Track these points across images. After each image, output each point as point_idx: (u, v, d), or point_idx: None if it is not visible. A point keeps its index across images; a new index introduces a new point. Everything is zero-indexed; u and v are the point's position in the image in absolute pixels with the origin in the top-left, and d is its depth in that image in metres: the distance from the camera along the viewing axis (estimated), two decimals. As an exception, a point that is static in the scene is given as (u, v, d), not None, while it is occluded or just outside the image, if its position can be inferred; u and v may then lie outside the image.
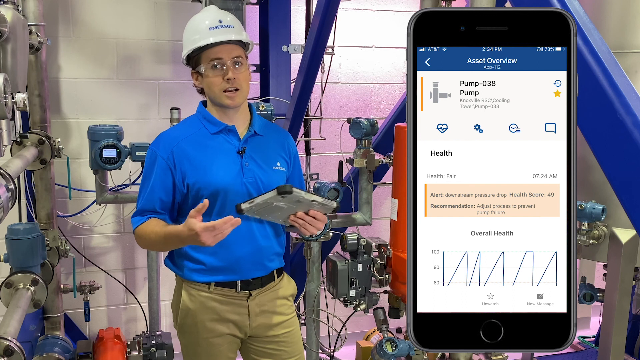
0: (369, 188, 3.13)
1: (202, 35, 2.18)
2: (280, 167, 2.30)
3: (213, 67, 2.17)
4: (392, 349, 2.76)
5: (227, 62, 2.16)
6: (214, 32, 2.17)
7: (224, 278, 2.26)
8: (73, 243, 3.62)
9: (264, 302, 2.33)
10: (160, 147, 2.22)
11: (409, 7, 4.18)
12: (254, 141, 2.27)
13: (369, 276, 2.71)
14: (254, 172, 2.23)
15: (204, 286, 2.27)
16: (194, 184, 2.19)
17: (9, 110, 1.72)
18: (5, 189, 1.83)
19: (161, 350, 3.30)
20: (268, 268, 2.31)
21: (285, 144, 2.37)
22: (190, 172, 2.19)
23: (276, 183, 2.22)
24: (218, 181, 2.18)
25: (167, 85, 3.81)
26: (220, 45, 2.17)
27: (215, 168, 2.20)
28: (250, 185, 2.21)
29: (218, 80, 2.17)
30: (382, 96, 4.25)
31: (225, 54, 2.16)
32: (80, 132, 3.67)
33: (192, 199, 2.21)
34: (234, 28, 2.21)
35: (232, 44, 2.19)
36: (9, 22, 1.96)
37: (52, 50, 3.57)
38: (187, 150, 2.20)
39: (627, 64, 2.71)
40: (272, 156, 2.30)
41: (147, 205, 2.22)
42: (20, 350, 1.65)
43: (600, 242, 2.96)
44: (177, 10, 3.71)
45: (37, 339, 3.32)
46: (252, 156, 2.24)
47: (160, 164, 2.20)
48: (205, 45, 2.16)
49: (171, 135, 2.27)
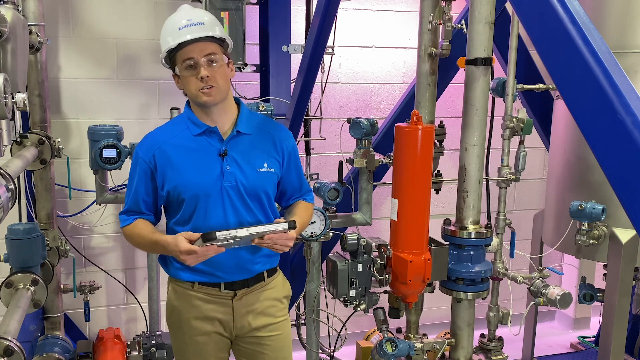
0: (369, 188, 3.13)
1: (173, 37, 2.13)
2: (267, 169, 2.22)
3: (187, 68, 2.12)
4: (392, 349, 2.76)
5: (199, 61, 2.10)
6: (183, 31, 2.11)
7: (207, 279, 2.25)
8: (73, 243, 3.62)
9: (251, 302, 2.30)
10: (143, 150, 2.22)
11: (409, 7, 4.17)
12: (238, 142, 2.21)
13: (369, 276, 2.71)
14: (235, 176, 2.17)
15: (188, 284, 2.28)
16: (174, 187, 2.17)
17: (9, 110, 1.72)
18: (5, 189, 1.83)
19: (161, 350, 3.30)
20: (252, 271, 2.27)
21: (278, 141, 2.27)
22: (170, 176, 2.17)
23: (260, 185, 2.21)
24: (197, 186, 2.16)
25: (167, 85, 3.81)
26: (192, 45, 2.10)
27: (196, 172, 2.16)
28: (232, 189, 2.17)
29: (193, 80, 2.12)
30: (382, 96, 4.25)
31: (196, 53, 2.10)
32: (80, 132, 3.67)
33: (176, 203, 2.20)
34: (204, 25, 2.12)
35: (205, 41, 2.11)
36: (9, 22, 1.96)
37: (52, 50, 3.57)
38: (169, 154, 2.18)
39: (627, 64, 2.71)
40: (258, 157, 2.22)
41: (133, 207, 2.25)
42: (20, 350, 1.65)
43: (600, 242, 2.96)
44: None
45: (37, 339, 3.32)
46: (235, 158, 2.19)
47: (141, 167, 2.21)
48: (177, 45, 2.12)
49: (154, 138, 2.24)
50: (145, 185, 2.22)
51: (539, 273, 2.88)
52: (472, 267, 2.75)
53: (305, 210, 2.38)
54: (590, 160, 2.88)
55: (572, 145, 3.10)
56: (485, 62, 2.63)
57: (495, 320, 3.00)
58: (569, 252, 3.17)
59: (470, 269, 2.74)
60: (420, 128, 2.58)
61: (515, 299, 3.06)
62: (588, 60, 1.84)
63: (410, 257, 2.63)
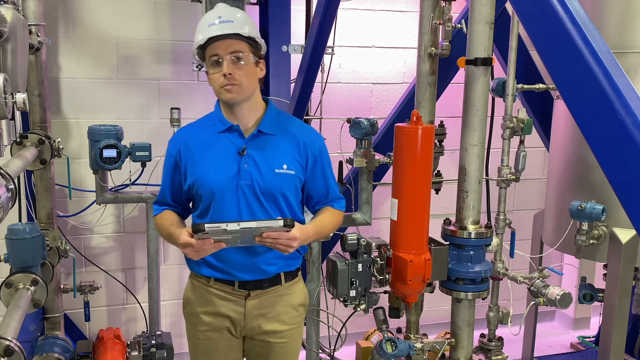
0: (369, 188, 3.13)
1: (202, 33, 2.16)
2: (287, 170, 2.21)
3: (213, 64, 2.15)
4: (392, 349, 2.76)
5: (224, 57, 2.12)
6: (211, 28, 2.14)
7: (222, 276, 2.27)
8: (73, 243, 3.62)
9: (264, 305, 2.30)
10: (172, 144, 2.32)
11: (409, 7, 4.17)
12: (259, 141, 2.22)
13: (369, 276, 2.71)
14: (252, 175, 2.19)
15: (205, 279, 2.31)
16: (194, 182, 2.22)
17: (9, 110, 1.72)
18: (5, 189, 1.83)
19: (161, 350, 3.30)
20: (267, 272, 2.27)
21: (303, 144, 2.26)
22: (191, 170, 2.23)
23: (277, 186, 2.21)
24: (213, 182, 2.19)
25: (167, 85, 3.81)
26: (219, 41, 2.12)
27: (214, 168, 2.20)
28: (247, 188, 2.18)
29: (217, 77, 2.14)
30: (382, 96, 4.25)
31: (221, 50, 2.12)
32: (80, 132, 3.67)
33: (196, 197, 2.27)
34: (232, 23, 2.15)
35: (232, 38, 2.13)
36: (9, 22, 1.96)
37: (52, 50, 3.57)
38: (193, 149, 2.24)
39: (627, 64, 2.71)
40: (278, 157, 2.22)
41: (161, 197, 2.36)
42: (20, 350, 1.65)
43: (600, 242, 2.96)
44: (177, 10, 3.71)
45: (37, 339, 3.32)
46: (253, 157, 2.20)
47: (170, 161, 2.30)
48: (206, 42, 2.14)
49: (183, 133, 2.34)
50: (172, 178, 2.31)
51: (539, 273, 2.87)
52: (472, 267, 2.75)
53: (331, 216, 2.35)
54: (590, 160, 2.88)
55: (572, 145, 3.10)
56: (485, 62, 2.63)
57: (495, 320, 3.00)
58: (569, 252, 3.17)
59: (470, 269, 2.74)
60: (420, 128, 2.58)
61: (515, 299, 3.06)
62: (588, 60, 1.84)
63: (410, 257, 2.63)
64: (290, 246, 2.07)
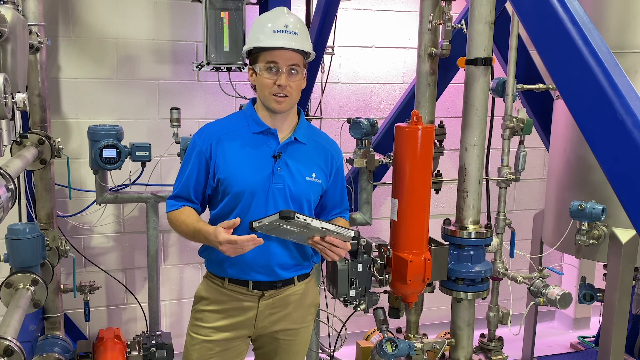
0: (369, 188, 3.13)
1: (266, 36, 2.16)
2: (315, 179, 2.27)
3: (268, 69, 2.16)
4: (392, 349, 2.76)
5: (282, 68, 2.14)
6: (277, 35, 2.15)
7: (237, 276, 2.28)
8: (73, 243, 3.62)
9: (277, 305, 2.32)
10: (201, 139, 2.26)
11: (409, 7, 4.17)
12: (293, 148, 2.25)
13: (369, 276, 2.71)
14: (284, 179, 2.21)
15: (219, 280, 2.32)
16: (224, 180, 2.21)
17: (9, 110, 1.72)
18: (5, 189, 1.83)
19: (161, 350, 3.30)
20: (279, 275, 2.28)
21: (329, 156, 2.33)
22: (222, 167, 2.21)
23: (306, 193, 2.24)
24: (245, 182, 2.19)
25: (167, 85, 3.81)
26: (280, 50, 2.14)
27: (247, 168, 2.20)
28: (278, 192, 2.21)
29: (269, 83, 2.16)
30: (382, 96, 4.25)
31: (282, 60, 2.14)
32: (80, 132, 3.67)
33: (221, 194, 2.24)
34: (297, 35, 2.17)
35: (292, 51, 2.16)
36: (9, 22, 1.95)
37: (52, 50, 3.57)
38: (226, 146, 2.23)
39: (627, 64, 2.71)
40: (309, 166, 2.27)
41: (183, 193, 2.29)
42: (20, 350, 1.65)
43: (600, 242, 2.96)
44: (177, 10, 3.71)
45: (37, 339, 3.32)
46: (287, 162, 2.23)
47: (197, 155, 2.25)
48: (265, 46, 2.16)
49: (214, 128, 2.29)
50: (198, 173, 2.26)
51: (539, 273, 2.88)
52: (472, 267, 2.75)
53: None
54: (590, 160, 2.88)
55: (572, 145, 3.10)
56: (485, 62, 2.63)
57: (495, 320, 3.00)
58: (569, 252, 3.17)
59: (470, 269, 2.75)
60: (420, 128, 2.58)
61: (515, 299, 3.07)
62: (588, 60, 1.85)
63: (410, 257, 2.63)
64: (340, 255, 2.13)
